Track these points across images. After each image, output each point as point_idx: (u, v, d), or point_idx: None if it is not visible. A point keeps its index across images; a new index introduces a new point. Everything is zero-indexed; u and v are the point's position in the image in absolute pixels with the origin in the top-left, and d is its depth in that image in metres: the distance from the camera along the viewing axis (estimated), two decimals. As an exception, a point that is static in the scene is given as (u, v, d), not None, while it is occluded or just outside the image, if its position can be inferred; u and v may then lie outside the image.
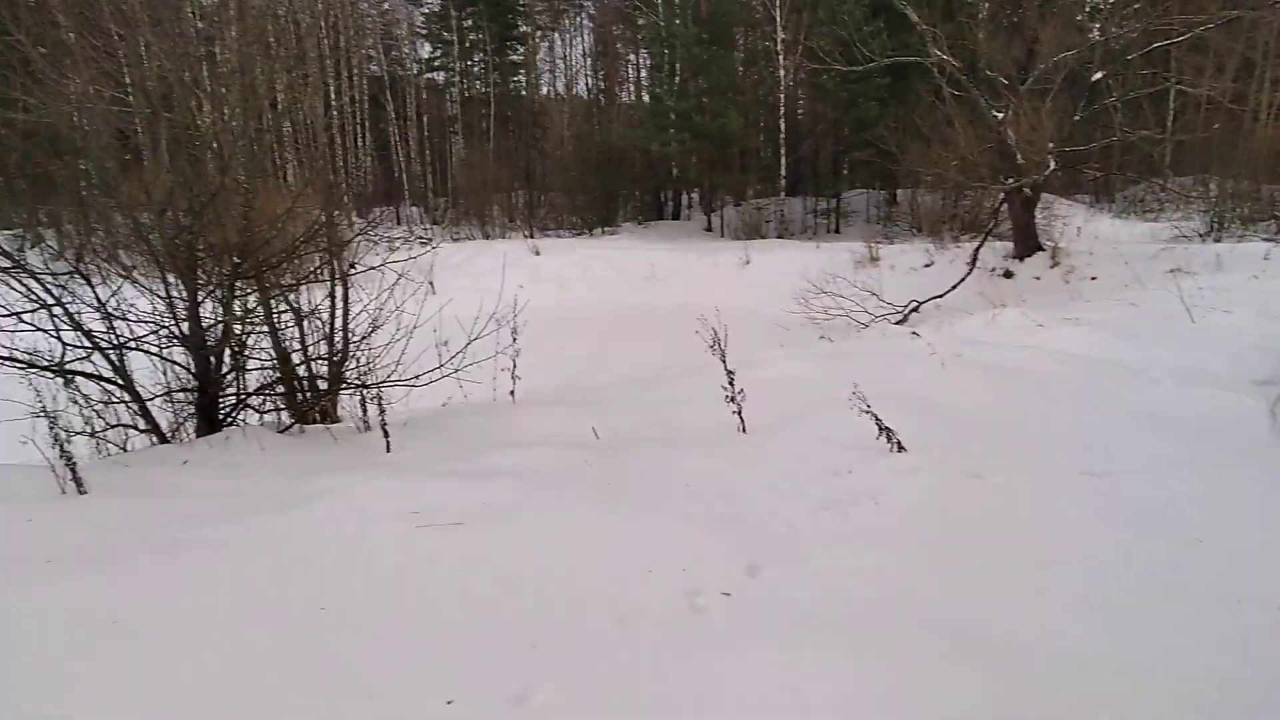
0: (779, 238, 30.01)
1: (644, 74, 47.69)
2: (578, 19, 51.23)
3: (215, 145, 5.72)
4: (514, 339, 6.65)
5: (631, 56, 49.09)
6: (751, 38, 37.66)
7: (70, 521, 3.98)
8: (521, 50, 47.88)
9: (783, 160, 32.32)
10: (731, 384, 5.29)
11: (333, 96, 32.86)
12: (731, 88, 32.28)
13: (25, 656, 2.72)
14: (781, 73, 32.13)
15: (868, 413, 4.82)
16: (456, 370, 6.41)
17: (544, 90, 50.65)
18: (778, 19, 31.14)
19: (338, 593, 3.09)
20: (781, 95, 32.35)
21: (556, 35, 50.58)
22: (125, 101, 6.75)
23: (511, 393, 6.92)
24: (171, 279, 5.59)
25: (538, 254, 24.43)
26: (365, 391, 5.93)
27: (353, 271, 6.60)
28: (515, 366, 6.74)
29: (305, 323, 6.56)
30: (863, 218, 34.19)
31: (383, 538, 3.53)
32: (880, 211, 33.76)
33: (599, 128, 42.81)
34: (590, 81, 51.56)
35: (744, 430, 5.29)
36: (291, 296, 6.44)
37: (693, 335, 6.30)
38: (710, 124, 30.82)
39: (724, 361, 5.44)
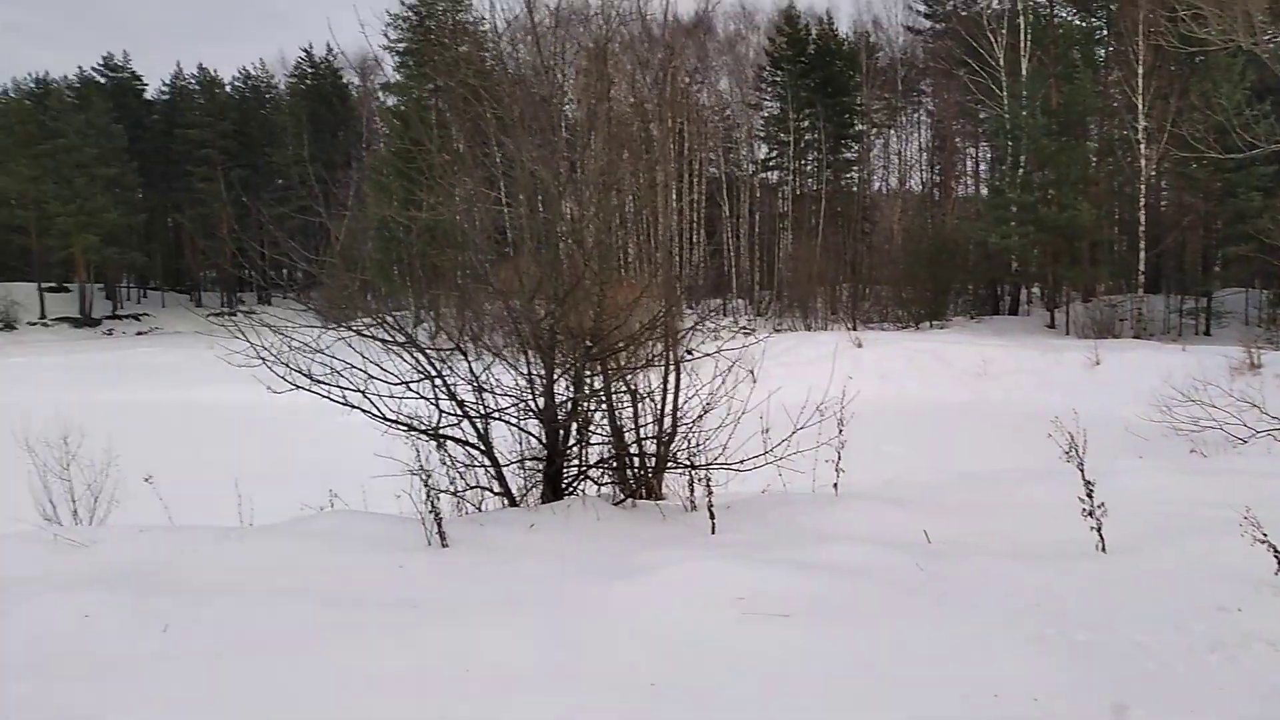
0: (1135, 337, 27.21)
1: (983, 166, 46.09)
2: (915, 115, 50.89)
3: (578, 242, 6.28)
4: (839, 430, 6.53)
5: (970, 150, 47.72)
6: (1107, 126, 35.19)
7: (434, 572, 4.42)
8: (856, 148, 48.32)
9: (1141, 254, 29.54)
10: (1090, 495, 4.77)
11: (673, 198, 35.18)
12: (1083, 179, 30.26)
13: (386, 695, 3.01)
14: (1142, 162, 29.59)
15: (1264, 542, 4.11)
16: (780, 459, 6.40)
17: (876, 185, 50.60)
18: (1140, 106, 28.87)
19: (667, 669, 3.13)
20: (1141, 186, 29.76)
21: (892, 132, 50.52)
22: (501, 202, 7.60)
23: (834, 485, 6.76)
24: (532, 358, 6.15)
25: (860, 346, 24.07)
26: (694, 472, 6.08)
27: (687, 358, 6.87)
28: (840, 459, 6.60)
29: (640, 403, 6.90)
30: (1239, 319, 30.11)
31: (710, 620, 3.53)
32: (1262, 313, 29.58)
33: (932, 221, 41.82)
34: (925, 175, 50.73)
35: (1103, 549, 4.73)
36: (629, 378, 6.82)
37: (1030, 436, 5.81)
38: (1058, 216, 29.01)
39: (1081, 469, 4.93)
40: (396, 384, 6.08)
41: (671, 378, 6.99)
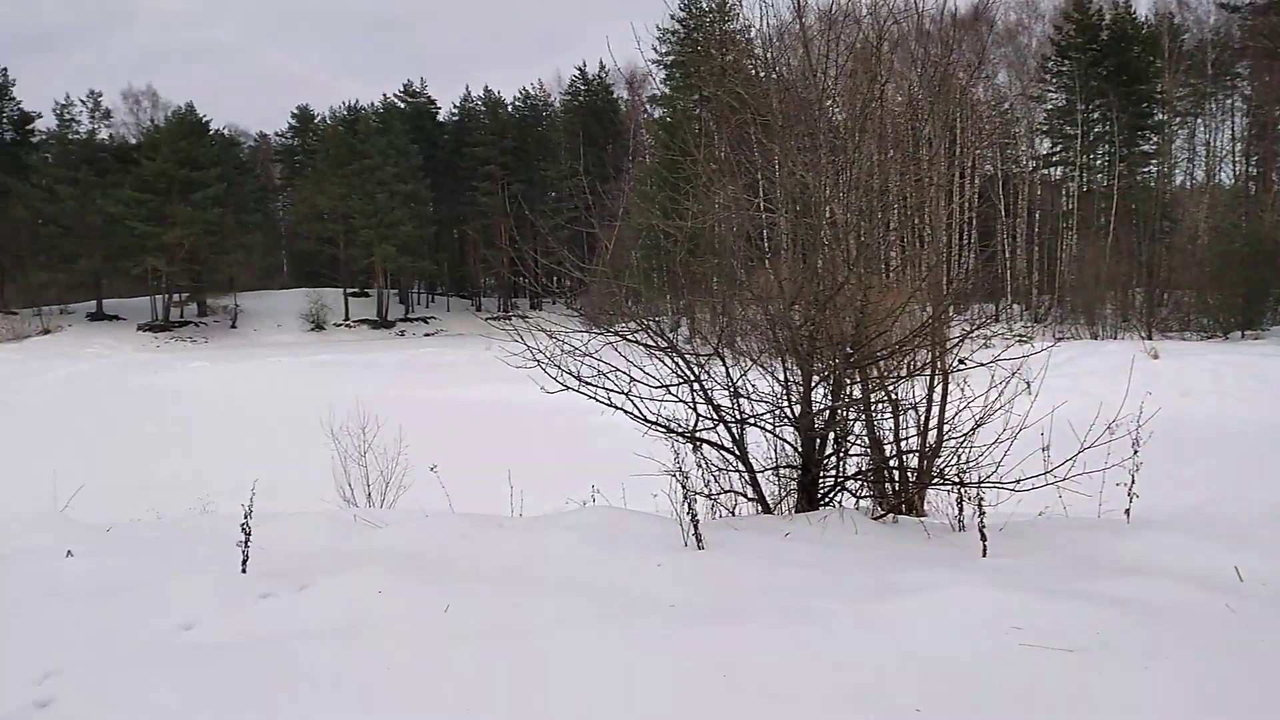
0: None
1: (1313, 154, 40.28)
2: (1228, 101, 45.37)
3: (842, 246, 6.12)
4: (1134, 451, 5.89)
5: (1296, 136, 41.88)
6: None
7: (691, 572, 4.45)
8: (1154, 139, 43.87)
9: None
10: None
11: (943, 200, 33.50)
12: None
13: (645, 689, 3.04)
14: None
15: None
16: (1062, 480, 5.87)
17: (1178, 180, 45.62)
18: None
19: (933, 694, 2.94)
20: None
21: (1199, 121, 45.36)
22: (760, 207, 7.55)
23: (1126, 511, 6.11)
24: (789, 365, 6.07)
25: (1156, 357, 21.76)
26: (963, 490, 5.72)
27: (958, 367, 6.49)
28: (1134, 483, 5.95)
29: (901, 414, 6.61)
30: None
31: (982, 648, 3.28)
32: None
33: (1246, 218, 37.06)
34: (1238, 168, 45.06)
35: None
36: (891, 387, 6.55)
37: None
38: None
39: None
40: (657, 387, 6.22)
41: (939, 388, 6.64)
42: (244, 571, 4.33)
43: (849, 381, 6.17)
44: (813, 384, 5.98)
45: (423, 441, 9.87)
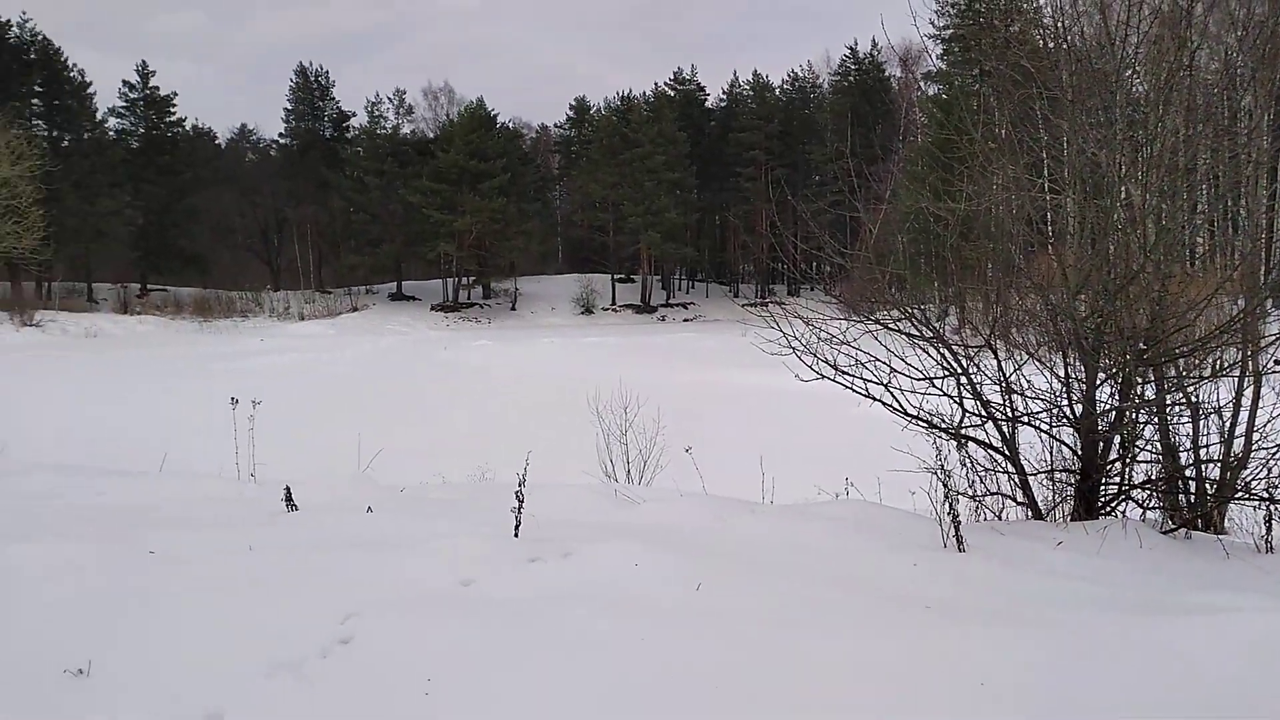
0: None
1: None
2: None
3: (1138, 230, 5.56)
4: None
5: None
6: None
7: (948, 574, 4.26)
8: None
9: None
10: None
11: (1264, 179, 29.52)
12: None
13: (888, 695, 2.95)
14: None
15: None
16: None
17: None
18: None
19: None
20: None
21: None
22: (1044, 189, 7.03)
23: None
24: (1071, 359, 5.62)
25: None
26: (1274, 507, 5.05)
27: (1274, 369, 5.71)
28: None
29: (1202, 418, 5.92)
30: None
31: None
32: None
33: None
34: None
35: None
36: (1190, 388, 5.88)
37: None
38: None
39: None
40: (919, 379, 5.98)
41: (1249, 390, 5.89)
42: (516, 536, 4.67)
43: (1140, 380, 5.61)
44: (1097, 382, 5.49)
45: (679, 422, 10.14)
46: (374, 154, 58.41)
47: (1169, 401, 5.81)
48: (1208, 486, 5.89)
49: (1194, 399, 5.87)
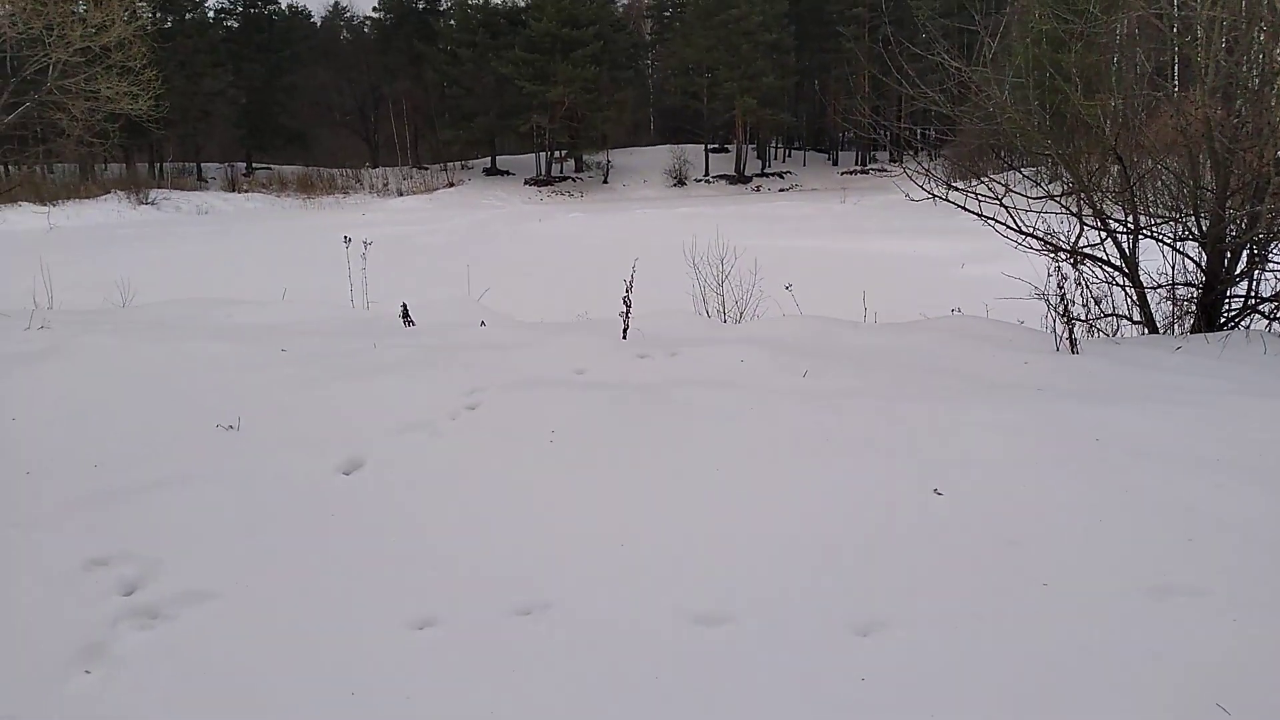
0: None
1: None
2: None
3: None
4: None
5: None
6: None
7: (1061, 369, 4.22)
8: None
9: None
10: None
11: None
12: None
13: (1014, 451, 2.98)
14: None
15: None
16: None
17: None
18: None
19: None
20: None
21: None
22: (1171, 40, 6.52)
23: None
24: (1203, 165, 5.32)
25: None
26: None
27: None
28: None
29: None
30: None
31: None
32: None
33: None
34: None
35: None
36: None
37: None
38: None
39: None
40: (1036, 197, 5.78)
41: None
42: (624, 339, 4.79)
43: (1276, 189, 5.28)
44: (1229, 190, 5.20)
45: (775, 276, 10.05)
46: (466, 25, 57.64)
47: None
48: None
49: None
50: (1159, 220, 5.52)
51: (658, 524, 2.69)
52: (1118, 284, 5.69)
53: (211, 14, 56.45)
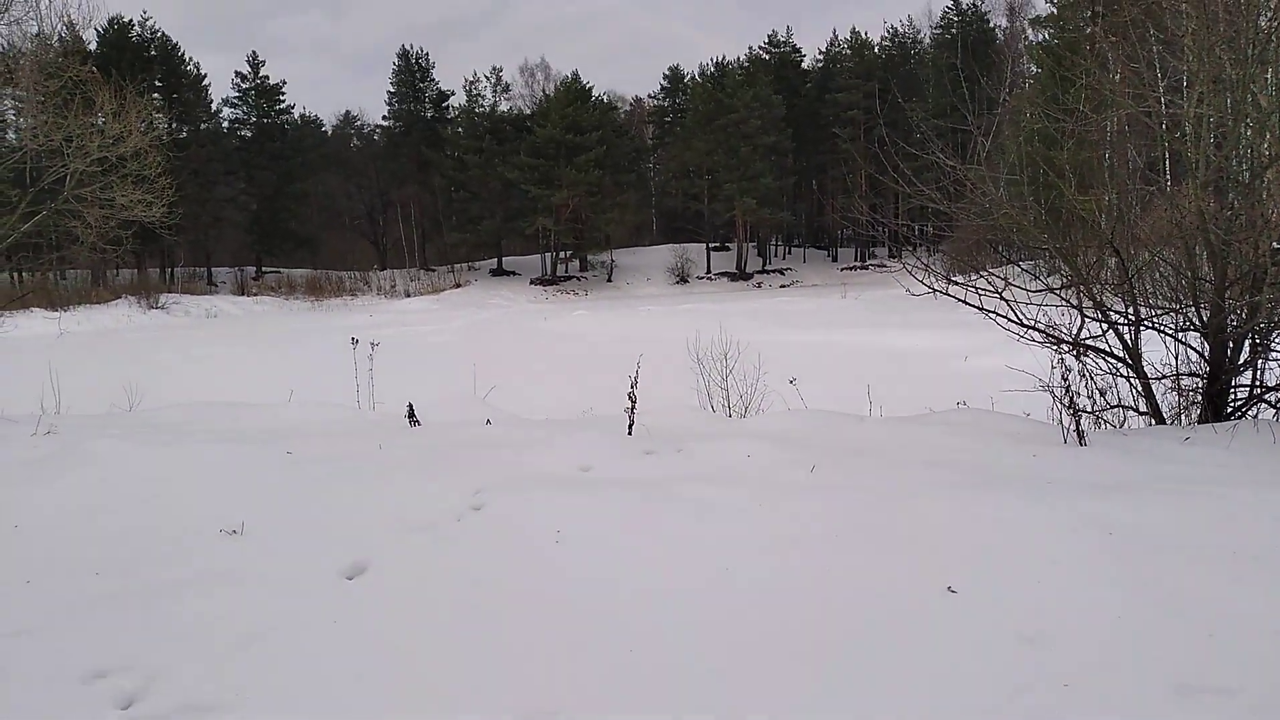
0: None
1: None
2: None
3: (1273, 125, 5.28)
4: None
5: None
6: None
7: (1069, 461, 4.19)
8: None
9: None
10: None
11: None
12: None
13: (1019, 539, 2.94)
14: None
15: None
16: None
17: None
18: None
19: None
20: None
21: None
22: (1160, 135, 6.72)
23: None
24: (1199, 258, 5.38)
25: None
26: None
27: None
28: None
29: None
30: None
31: None
32: None
33: None
34: None
35: None
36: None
37: None
38: None
39: None
40: (1036, 290, 5.83)
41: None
42: (630, 435, 4.78)
43: (1274, 279, 5.33)
44: (1227, 281, 5.25)
45: (779, 370, 10.08)
46: (473, 132, 59.39)
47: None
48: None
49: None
50: (1160, 311, 5.56)
51: (666, 627, 2.63)
52: (1122, 375, 5.69)
53: (226, 124, 58.24)
